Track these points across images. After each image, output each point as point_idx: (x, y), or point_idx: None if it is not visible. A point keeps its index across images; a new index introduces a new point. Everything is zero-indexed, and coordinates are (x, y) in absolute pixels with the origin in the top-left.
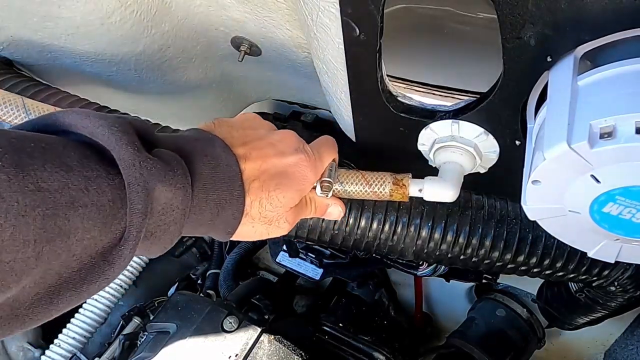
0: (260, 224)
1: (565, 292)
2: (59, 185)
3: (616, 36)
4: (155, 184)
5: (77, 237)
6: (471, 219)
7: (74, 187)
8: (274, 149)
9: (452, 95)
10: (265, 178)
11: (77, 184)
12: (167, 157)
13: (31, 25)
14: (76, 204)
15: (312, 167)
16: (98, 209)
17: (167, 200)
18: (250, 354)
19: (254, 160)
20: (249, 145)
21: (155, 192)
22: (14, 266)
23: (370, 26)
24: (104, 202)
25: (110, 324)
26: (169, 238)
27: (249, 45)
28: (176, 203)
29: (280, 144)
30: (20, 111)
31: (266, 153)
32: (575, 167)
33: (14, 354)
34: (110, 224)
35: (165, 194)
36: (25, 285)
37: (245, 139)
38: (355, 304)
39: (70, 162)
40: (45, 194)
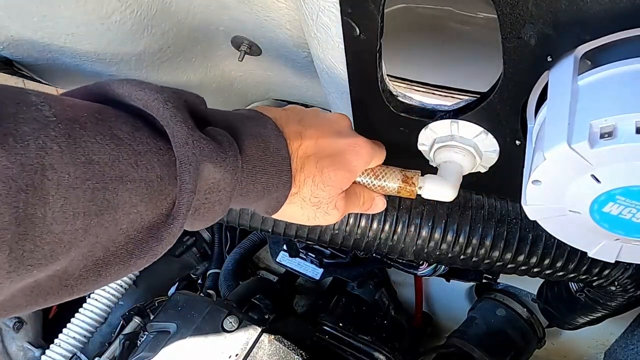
0: (309, 206)
1: (566, 292)
2: (110, 158)
3: (616, 36)
4: (206, 164)
5: (124, 211)
6: (471, 218)
7: (124, 161)
8: (330, 128)
9: (452, 95)
10: (321, 155)
11: (127, 158)
12: (219, 137)
13: (31, 25)
14: (125, 178)
15: (367, 150)
16: (147, 184)
17: (215, 180)
18: (251, 354)
19: (309, 137)
20: (305, 122)
21: (204, 172)
22: (63, 237)
23: (370, 26)
24: (152, 178)
25: (111, 324)
26: (212, 216)
27: (249, 45)
28: (223, 184)
29: (337, 124)
30: None
31: (323, 131)
32: (576, 167)
33: (15, 354)
34: (156, 199)
35: (214, 174)
36: (74, 257)
37: (300, 116)
38: (355, 303)
39: (122, 135)
40: (96, 167)
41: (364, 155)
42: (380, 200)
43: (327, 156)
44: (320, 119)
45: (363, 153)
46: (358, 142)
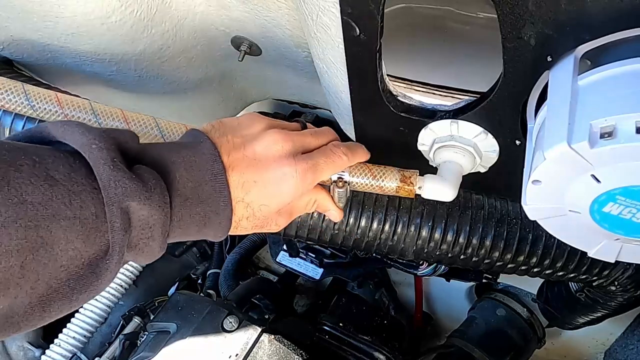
0: (251, 230)
1: (566, 292)
2: (43, 198)
3: (616, 36)
4: (129, 203)
5: (60, 248)
6: (471, 218)
7: (57, 201)
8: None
9: (452, 95)
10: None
11: (60, 197)
12: (145, 175)
13: (31, 25)
14: (58, 216)
15: (301, 179)
16: (81, 222)
17: (144, 218)
18: (251, 354)
19: (235, 174)
20: (233, 154)
21: (131, 209)
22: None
23: (370, 26)
24: (87, 215)
25: (111, 324)
26: (151, 252)
27: (249, 45)
28: (153, 221)
29: (266, 153)
30: (21, 97)
31: (248, 166)
32: (576, 167)
33: (15, 354)
34: (94, 236)
35: (142, 212)
36: (17, 295)
37: (230, 145)
38: (355, 303)
39: (58, 176)
40: (29, 207)
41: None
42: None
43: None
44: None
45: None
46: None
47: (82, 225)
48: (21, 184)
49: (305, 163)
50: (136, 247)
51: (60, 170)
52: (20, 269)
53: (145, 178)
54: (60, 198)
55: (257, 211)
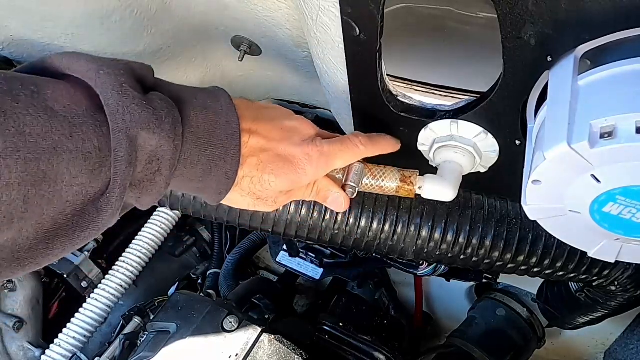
0: (249, 197)
1: (566, 292)
2: (42, 130)
3: (616, 36)
4: (138, 131)
5: (64, 183)
6: (471, 218)
7: (57, 133)
8: (282, 133)
9: (452, 95)
10: (263, 158)
11: (60, 129)
12: (158, 103)
13: (31, 25)
14: (59, 149)
15: (315, 164)
16: (84, 155)
17: (152, 148)
18: (251, 354)
19: (258, 137)
20: (259, 122)
21: (139, 140)
22: (1, 208)
23: (370, 26)
24: (89, 149)
25: (111, 324)
26: (156, 188)
27: (249, 44)
28: (161, 152)
29: (292, 132)
30: None
31: (273, 134)
32: (576, 167)
33: (15, 354)
34: (99, 171)
35: (150, 142)
36: (22, 228)
37: (257, 116)
38: (355, 303)
39: (57, 107)
40: (27, 138)
41: (309, 169)
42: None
43: (269, 160)
44: (276, 121)
45: (307, 166)
46: (306, 153)
47: (84, 159)
48: (19, 114)
49: (324, 147)
50: (141, 183)
51: (60, 101)
52: (23, 203)
53: (157, 105)
54: (60, 130)
55: (264, 175)
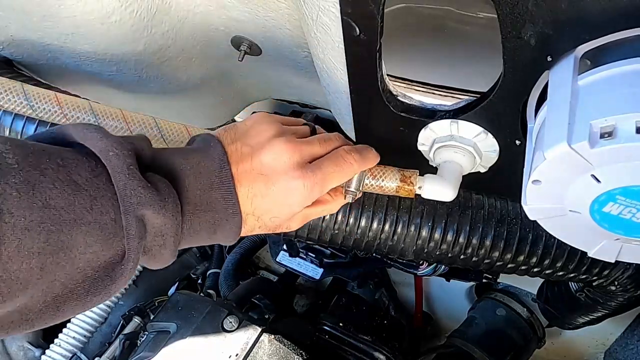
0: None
1: (566, 292)
2: (66, 203)
3: (616, 36)
4: (144, 212)
5: (79, 251)
6: (471, 218)
7: (79, 206)
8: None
9: (452, 95)
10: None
11: (82, 202)
12: (159, 184)
13: (31, 25)
14: (79, 221)
15: (307, 195)
16: (100, 226)
17: (158, 226)
18: (251, 354)
19: (243, 187)
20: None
21: (146, 218)
22: (19, 275)
23: (370, 26)
24: (106, 221)
25: (111, 324)
26: (163, 258)
27: (249, 44)
28: (165, 230)
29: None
30: (20, 98)
31: (255, 178)
32: (576, 167)
33: (15, 354)
34: (112, 240)
35: (156, 221)
36: (34, 294)
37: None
38: (355, 303)
39: (80, 181)
40: (52, 211)
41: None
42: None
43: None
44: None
45: (300, 197)
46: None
47: (101, 230)
48: (45, 188)
49: (314, 175)
50: (149, 252)
51: (83, 174)
52: (40, 270)
53: (159, 187)
54: (83, 203)
55: (267, 222)
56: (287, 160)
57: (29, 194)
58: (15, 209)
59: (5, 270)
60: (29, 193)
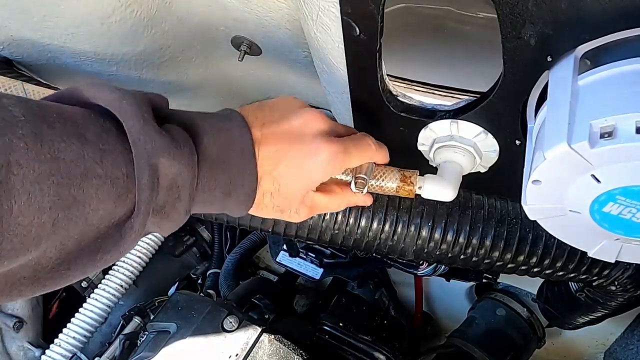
0: (273, 211)
1: (566, 292)
2: (75, 155)
3: (616, 36)
4: (159, 159)
5: (92, 207)
6: (471, 218)
7: (88, 159)
8: (290, 136)
9: (452, 95)
10: (276, 173)
11: (92, 155)
12: (175, 132)
13: (31, 25)
14: (90, 174)
15: (328, 163)
16: (112, 181)
17: (173, 176)
18: (251, 354)
19: (267, 147)
20: (267, 127)
21: (160, 167)
22: (31, 230)
23: (370, 26)
24: (118, 175)
25: (111, 324)
26: (177, 215)
27: (249, 44)
28: (181, 180)
29: (301, 130)
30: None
31: (282, 140)
32: (576, 167)
33: (15, 354)
34: (125, 196)
35: (171, 169)
36: (47, 249)
37: (265, 120)
38: (355, 303)
39: (88, 135)
40: (61, 164)
41: (324, 166)
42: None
43: (283, 169)
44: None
45: (322, 164)
46: (320, 149)
47: (113, 184)
48: (54, 141)
49: (338, 144)
50: (162, 209)
51: (91, 129)
52: (52, 226)
53: (175, 135)
54: (92, 156)
55: (282, 187)
56: (316, 126)
57: (37, 145)
58: (24, 160)
59: (17, 225)
60: (37, 145)
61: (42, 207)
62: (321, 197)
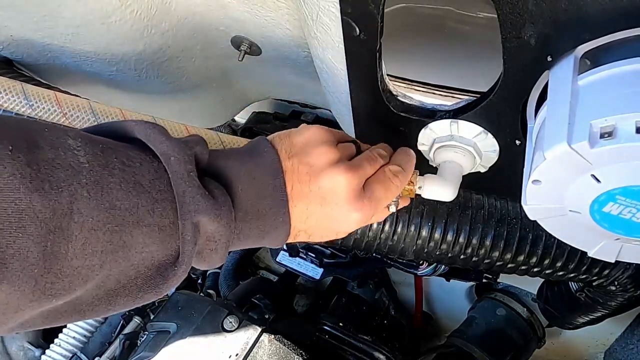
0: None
1: (566, 292)
2: (130, 205)
3: (616, 36)
4: (202, 218)
5: (137, 250)
6: (471, 218)
7: (142, 208)
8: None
9: (452, 95)
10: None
11: (145, 205)
12: (216, 192)
13: (31, 25)
14: (141, 223)
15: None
16: (160, 228)
17: (211, 232)
18: (251, 354)
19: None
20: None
21: (201, 224)
22: (81, 272)
23: (370, 26)
24: (165, 224)
25: (111, 324)
26: (212, 261)
27: (249, 44)
28: (218, 236)
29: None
30: (20, 97)
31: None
32: (576, 167)
33: (15, 354)
34: (168, 242)
35: (210, 227)
36: (89, 287)
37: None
38: (355, 303)
39: (143, 182)
40: (117, 212)
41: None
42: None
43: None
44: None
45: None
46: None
47: (159, 231)
48: (112, 189)
49: (370, 204)
50: (200, 255)
51: (146, 176)
52: (99, 267)
53: (215, 194)
54: (145, 205)
55: (314, 236)
56: (346, 188)
57: (98, 195)
58: (85, 209)
59: (70, 267)
60: (98, 194)
61: (95, 251)
62: None
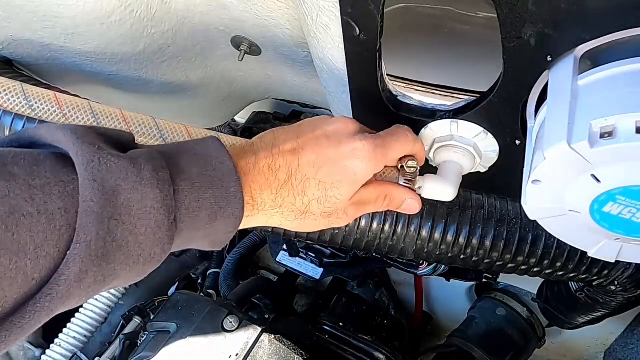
0: (321, 218)
1: (566, 292)
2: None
3: (616, 36)
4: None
5: (29, 257)
6: (471, 218)
7: (14, 197)
8: (327, 141)
9: (452, 95)
10: (320, 176)
11: (19, 193)
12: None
13: (31, 25)
14: (18, 213)
15: (370, 158)
16: (47, 218)
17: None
18: (251, 354)
19: (306, 153)
20: (305, 135)
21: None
22: None
23: (370, 26)
24: (52, 210)
25: (111, 324)
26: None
27: (249, 44)
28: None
29: (337, 132)
30: (20, 98)
31: (320, 145)
32: (576, 167)
33: (15, 354)
34: (66, 235)
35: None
36: None
37: (298, 133)
38: (355, 303)
39: (17, 171)
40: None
41: (366, 162)
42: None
43: (327, 174)
44: (320, 131)
45: (364, 159)
46: (357, 149)
47: (49, 222)
48: None
49: (375, 139)
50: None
51: (21, 164)
52: None
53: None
54: (19, 193)
55: (329, 191)
56: (349, 128)
57: None
58: None
59: None
60: None
61: None
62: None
